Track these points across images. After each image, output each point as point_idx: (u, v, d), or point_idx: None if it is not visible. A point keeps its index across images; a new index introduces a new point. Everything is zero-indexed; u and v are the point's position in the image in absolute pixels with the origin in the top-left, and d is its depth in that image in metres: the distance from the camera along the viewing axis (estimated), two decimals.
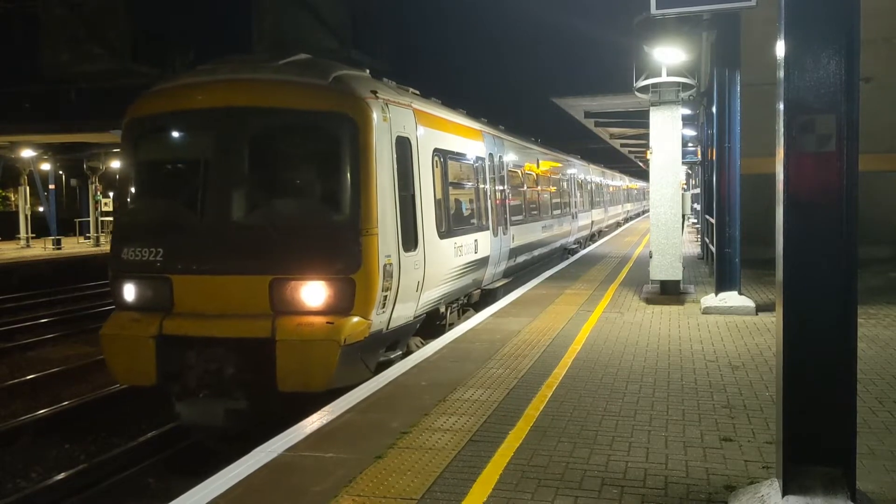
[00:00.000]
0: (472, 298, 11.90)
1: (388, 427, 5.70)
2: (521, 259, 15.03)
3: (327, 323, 7.21)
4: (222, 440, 7.59)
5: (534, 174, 17.15)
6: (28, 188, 33.58)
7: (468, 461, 4.96)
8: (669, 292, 11.92)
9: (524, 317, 10.52)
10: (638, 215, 54.82)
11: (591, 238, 27.70)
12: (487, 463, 4.92)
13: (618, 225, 39.30)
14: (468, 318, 11.06)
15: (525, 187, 16.02)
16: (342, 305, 7.34)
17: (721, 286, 10.96)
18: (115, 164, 29.95)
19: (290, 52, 8.45)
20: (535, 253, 16.71)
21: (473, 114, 13.41)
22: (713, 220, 12.39)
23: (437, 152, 9.83)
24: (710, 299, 10.96)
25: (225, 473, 4.87)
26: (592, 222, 27.48)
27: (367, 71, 8.91)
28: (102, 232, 33.68)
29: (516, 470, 4.80)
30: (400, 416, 5.95)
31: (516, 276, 14.81)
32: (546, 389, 6.68)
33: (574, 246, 23.05)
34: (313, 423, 5.86)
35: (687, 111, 16.71)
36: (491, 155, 13.03)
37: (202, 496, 4.53)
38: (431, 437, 5.45)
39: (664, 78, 11.57)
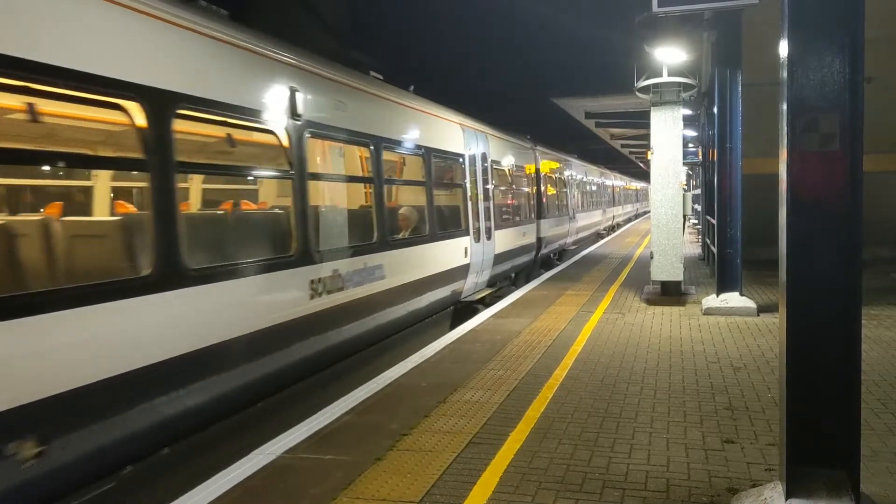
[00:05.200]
0: None
1: (387, 429, 5.66)
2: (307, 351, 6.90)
3: None
4: None
5: (394, 158, 9.79)
6: None
7: (468, 463, 4.93)
8: (670, 293, 11.91)
9: (525, 318, 10.48)
10: (630, 220, 49.75)
11: (560, 255, 20.96)
12: (488, 465, 4.89)
13: (598, 236, 30.62)
14: None
15: (330, 177, 7.83)
16: None
17: (722, 287, 10.93)
18: None
19: None
20: (370, 322, 8.17)
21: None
22: (714, 221, 12.36)
23: None
24: (712, 300, 10.93)
25: (222, 476, 4.82)
26: (540, 240, 17.92)
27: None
28: None
29: (517, 472, 4.76)
30: (399, 418, 5.92)
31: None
32: (547, 391, 6.64)
33: (509, 288, 14.85)
34: (312, 424, 5.82)
35: (688, 111, 16.72)
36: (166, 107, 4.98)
37: (200, 498, 4.49)
38: (431, 439, 5.41)
39: (665, 78, 11.57)
